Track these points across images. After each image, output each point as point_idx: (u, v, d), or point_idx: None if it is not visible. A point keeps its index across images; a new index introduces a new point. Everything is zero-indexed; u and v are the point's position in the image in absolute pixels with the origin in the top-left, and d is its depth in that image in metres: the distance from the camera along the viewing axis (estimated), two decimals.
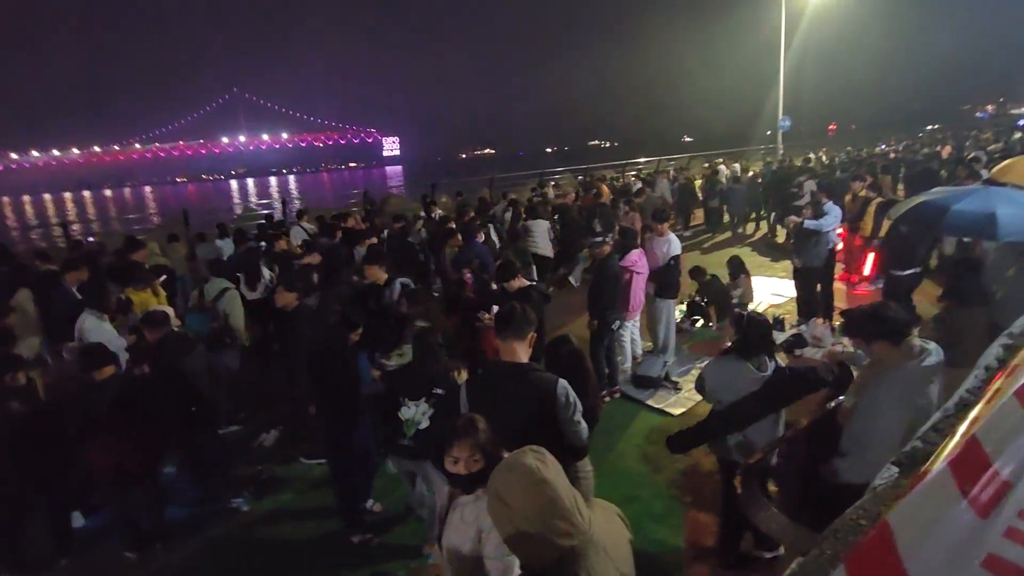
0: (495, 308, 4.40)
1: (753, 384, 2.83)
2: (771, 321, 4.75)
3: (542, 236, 8.72)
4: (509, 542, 1.39)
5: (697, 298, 7.10)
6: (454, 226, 7.94)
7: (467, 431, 1.88)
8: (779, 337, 5.80)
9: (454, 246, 7.12)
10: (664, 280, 5.64)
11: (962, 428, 0.89)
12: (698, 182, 14.81)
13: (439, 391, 3.10)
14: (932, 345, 2.47)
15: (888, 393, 2.43)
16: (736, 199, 12.75)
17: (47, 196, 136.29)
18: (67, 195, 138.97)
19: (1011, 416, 0.70)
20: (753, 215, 13.18)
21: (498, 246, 8.43)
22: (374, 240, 7.32)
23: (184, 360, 4.07)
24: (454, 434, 1.88)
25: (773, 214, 11.62)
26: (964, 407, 1.10)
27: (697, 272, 7.08)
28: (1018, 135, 20.31)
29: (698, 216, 13.96)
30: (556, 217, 9.93)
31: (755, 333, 2.92)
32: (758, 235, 12.40)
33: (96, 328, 4.62)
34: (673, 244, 5.71)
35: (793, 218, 6.53)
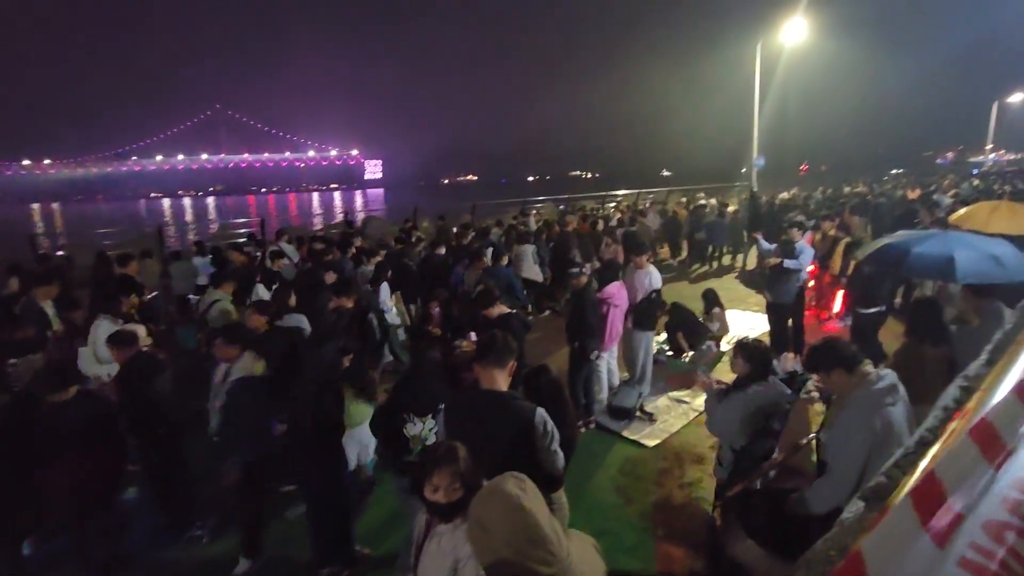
0: (472, 335, 4.41)
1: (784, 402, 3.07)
2: None
3: (527, 261, 8.83)
4: (488, 570, 1.38)
5: (668, 332, 7.22)
6: (478, 247, 8.03)
7: (448, 459, 1.85)
8: None
9: (479, 268, 7.18)
10: (643, 312, 5.73)
11: (923, 464, 0.94)
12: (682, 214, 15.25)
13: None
14: (886, 371, 2.61)
15: (849, 418, 2.54)
16: (719, 233, 13.22)
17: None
18: (35, 207, 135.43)
19: (965, 454, 0.75)
20: (728, 248, 13.66)
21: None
22: (379, 258, 7.40)
23: (152, 381, 3.98)
24: (434, 461, 1.85)
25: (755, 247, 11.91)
26: (924, 445, 1.16)
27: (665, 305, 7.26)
28: (976, 182, 21.43)
29: (683, 248, 14.42)
30: (551, 244, 10.00)
31: (766, 359, 3.17)
32: (738, 268, 12.83)
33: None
34: (653, 277, 5.80)
35: (771, 260, 6.64)
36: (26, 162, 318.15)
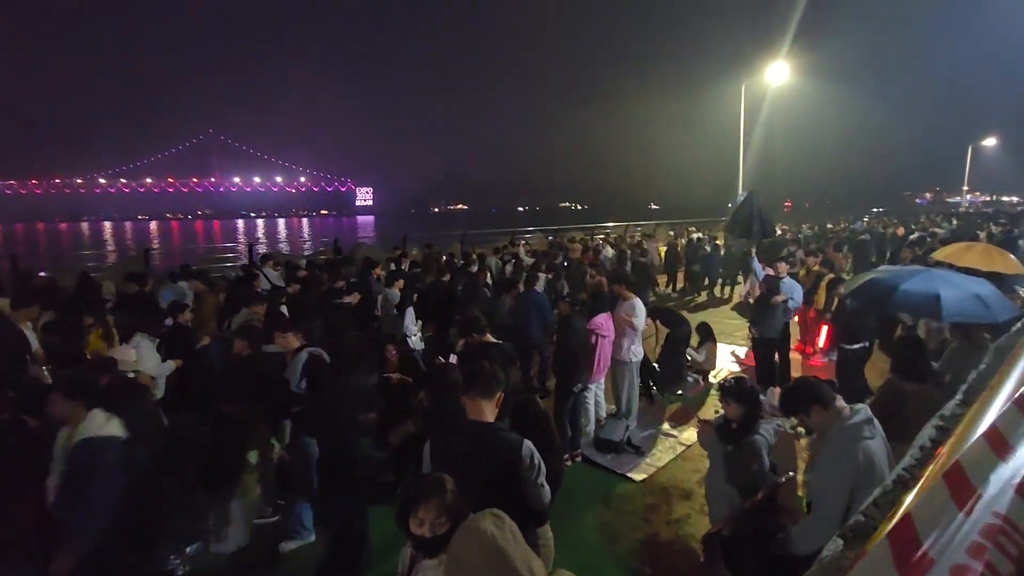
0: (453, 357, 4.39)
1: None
2: None
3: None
4: None
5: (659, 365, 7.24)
6: (514, 276, 8.19)
7: (435, 491, 1.80)
8: None
9: (513, 295, 7.24)
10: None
11: (903, 506, 0.96)
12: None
13: None
14: (860, 406, 2.65)
15: (830, 453, 2.56)
16: (713, 265, 13.62)
17: None
18: (18, 227, 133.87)
19: (937, 497, 0.77)
20: (720, 281, 13.92)
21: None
22: (400, 282, 7.50)
23: (130, 407, 3.89)
24: (421, 494, 1.79)
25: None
26: (901, 484, 1.18)
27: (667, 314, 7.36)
28: (955, 222, 22.14)
29: (680, 279, 14.77)
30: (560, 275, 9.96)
31: (755, 395, 3.23)
32: (732, 300, 13.05)
33: (149, 352, 4.77)
34: (637, 307, 5.83)
35: (755, 290, 6.75)
36: (11, 181, 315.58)
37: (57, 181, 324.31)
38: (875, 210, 46.09)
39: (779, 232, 18.92)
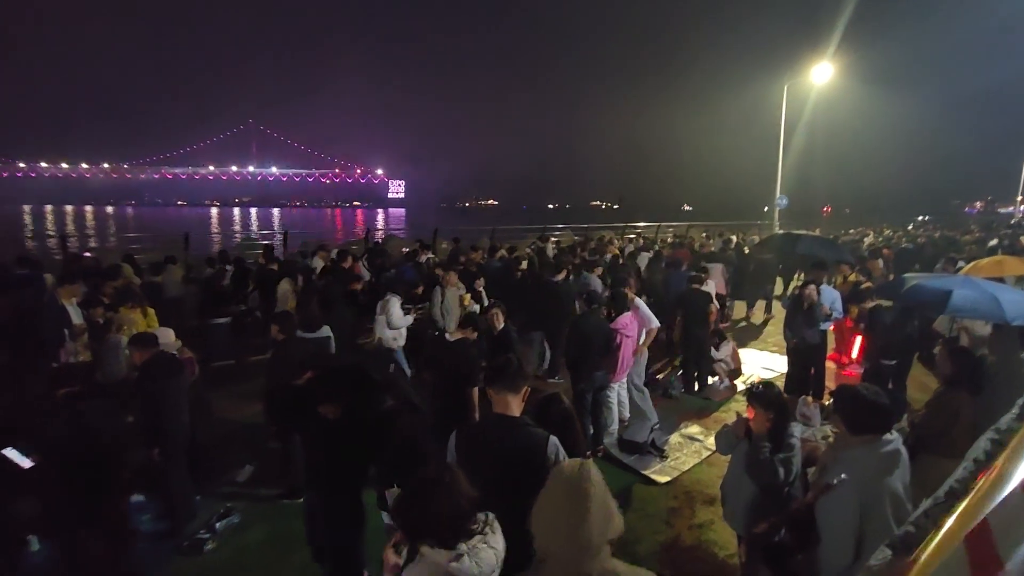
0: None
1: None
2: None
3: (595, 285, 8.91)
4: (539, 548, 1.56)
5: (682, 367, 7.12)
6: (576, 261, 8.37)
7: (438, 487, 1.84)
8: None
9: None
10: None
11: (954, 515, 0.91)
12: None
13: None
14: (894, 436, 2.48)
15: (848, 483, 2.39)
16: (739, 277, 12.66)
17: (48, 207, 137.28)
18: (68, 208, 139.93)
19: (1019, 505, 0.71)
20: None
21: None
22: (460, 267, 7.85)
23: (168, 382, 4.01)
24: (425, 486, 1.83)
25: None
26: (952, 496, 1.12)
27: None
28: (1007, 231, 21.01)
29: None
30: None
31: (781, 399, 3.07)
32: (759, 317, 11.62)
33: (396, 307, 5.91)
34: (642, 309, 5.80)
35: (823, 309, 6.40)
36: (64, 165, 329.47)
37: (106, 166, 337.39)
38: (920, 218, 44.27)
39: (848, 236, 18.42)
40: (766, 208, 27.47)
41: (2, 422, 3.46)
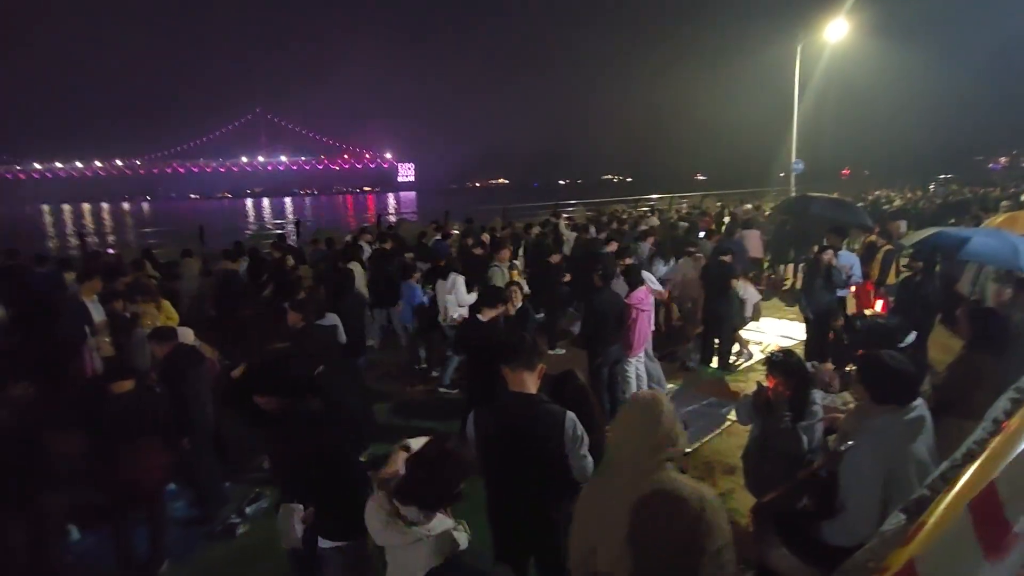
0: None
1: None
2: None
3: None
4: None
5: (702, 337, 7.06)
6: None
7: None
8: None
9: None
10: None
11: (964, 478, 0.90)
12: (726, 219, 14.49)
13: None
14: (918, 402, 2.40)
15: (864, 454, 2.35)
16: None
17: (66, 206, 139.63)
18: (85, 206, 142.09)
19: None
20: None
21: None
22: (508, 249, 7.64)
23: (190, 373, 4.10)
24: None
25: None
26: (971, 458, 1.11)
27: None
28: None
29: None
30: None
31: (802, 367, 3.11)
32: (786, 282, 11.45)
33: (462, 285, 6.06)
34: (651, 282, 5.80)
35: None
36: (78, 164, 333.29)
37: (119, 163, 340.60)
38: (941, 177, 42.86)
39: (900, 201, 18.11)
40: (782, 174, 26.87)
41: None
